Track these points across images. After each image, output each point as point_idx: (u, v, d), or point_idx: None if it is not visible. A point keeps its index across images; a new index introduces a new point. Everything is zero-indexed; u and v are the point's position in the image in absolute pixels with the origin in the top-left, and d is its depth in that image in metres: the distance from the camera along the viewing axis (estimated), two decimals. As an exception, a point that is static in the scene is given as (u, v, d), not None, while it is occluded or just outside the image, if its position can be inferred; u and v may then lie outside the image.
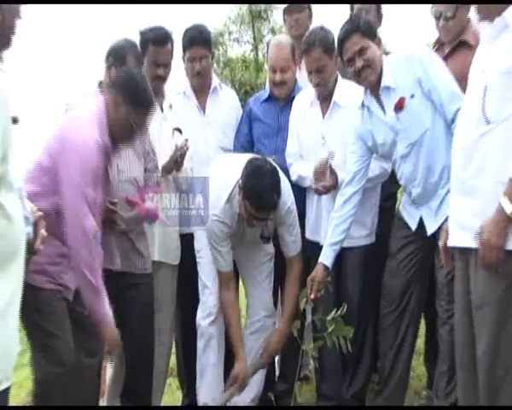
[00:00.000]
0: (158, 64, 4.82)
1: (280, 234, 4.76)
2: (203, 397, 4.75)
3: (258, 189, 4.35)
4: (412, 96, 4.27)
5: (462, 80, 4.07)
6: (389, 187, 4.97)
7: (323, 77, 4.72)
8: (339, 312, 4.32)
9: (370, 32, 4.33)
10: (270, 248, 4.89)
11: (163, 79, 4.90)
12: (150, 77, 4.76)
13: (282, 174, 4.54)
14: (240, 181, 4.46)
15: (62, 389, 3.93)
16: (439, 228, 4.19)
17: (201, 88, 5.19)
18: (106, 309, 3.98)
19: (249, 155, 4.70)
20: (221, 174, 4.68)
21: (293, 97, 5.07)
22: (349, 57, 4.36)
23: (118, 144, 4.16)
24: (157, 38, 4.78)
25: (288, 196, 4.64)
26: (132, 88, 4.13)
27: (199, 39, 5.06)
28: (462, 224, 3.63)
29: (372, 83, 4.37)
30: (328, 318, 4.34)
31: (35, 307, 3.86)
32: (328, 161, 4.67)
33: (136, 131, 4.17)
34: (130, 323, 4.53)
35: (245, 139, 5.18)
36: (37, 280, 3.79)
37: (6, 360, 2.76)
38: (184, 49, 5.09)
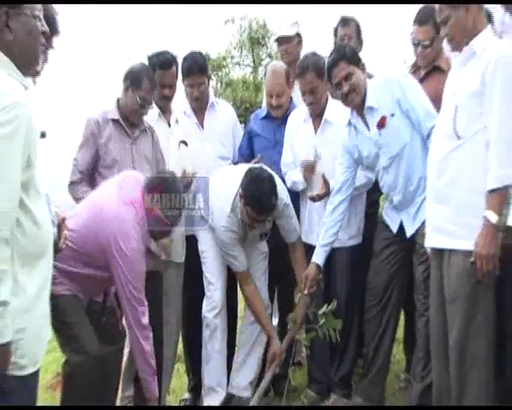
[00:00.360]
0: (164, 85, 4.86)
1: (281, 225, 4.82)
2: (209, 381, 4.80)
3: (258, 195, 4.43)
4: (392, 115, 4.32)
5: (436, 101, 4.15)
6: (373, 195, 5.03)
7: (316, 97, 4.79)
8: (329, 307, 4.41)
9: (355, 59, 4.40)
10: (264, 247, 4.95)
11: (169, 98, 4.95)
12: (158, 97, 4.86)
13: (276, 176, 4.62)
14: (240, 190, 4.53)
15: (88, 376, 3.96)
16: (417, 231, 4.28)
17: (200, 108, 5.22)
18: (156, 389, 4.16)
19: (245, 166, 4.77)
20: (222, 186, 4.73)
21: (288, 115, 5.12)
22: (337, 82, 4.42)
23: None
24: (162, 63, 4.82)
25: (282, 192, 4.69)
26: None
27: (195, 68, 5.06)
28: (436, 227, 3.73)
29: (357, 104, 4.42)
30: (320, 312, 4.43)
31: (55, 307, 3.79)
32: (316, 160, 4.78)
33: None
34: None
35: (245, 153, 5.23)
36: (57, 290, 3.81)
37: (35, 347, 2.77)
38: (183, 77, 5.12)
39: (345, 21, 5.55)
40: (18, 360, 2.61)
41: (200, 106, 5.21)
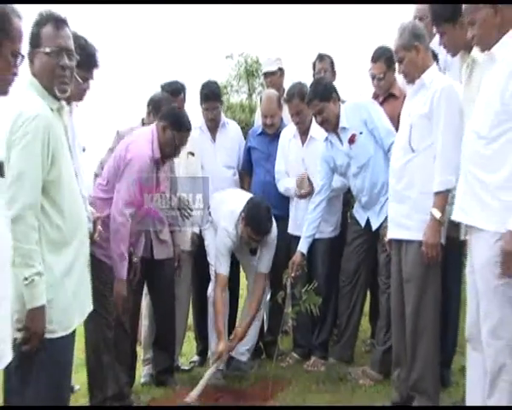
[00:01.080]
0: None
1: (262, 253, 4.81)
2: (213, 346, 4.80)
3: (258, 219, 4.54)
4: (360, 133, 4.44)
5: (392, 120, 4.30)
6: (345, 196, 5.08)
7: (301, 117, 4.89)
8: (311, 286, 4.48)
9: (327, 96, 4.47)
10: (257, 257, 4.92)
11: None
12: None
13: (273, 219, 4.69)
14: (242, 213, 4.61)
15: (107, 341, 4.06)
16: (381, 225, 4.38)
17: (214, 126, 5.26)
18: (122, 271, 4.01)
19: (248, 194, 4.89)
20: (226, 207, 4.77)
21: (280, 132, 5.17)
22: (313, 114, 4.58)
23: (166, 158, 4.25)
24: (173, 90, 4.83)
25: (275, 232, 4.77)
26: (175, 117, 4.23)
27: (211, 96, 5.15)
28: (396, 222, 3.83)
29: (330, 129, 4.54)
30: (303, 290, 4.50)
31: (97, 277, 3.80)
32: (306, 174, 4.84)
33: (179, 147, 4.26)
34: (157, 292, 4.66)
35: (246, 164, 5.33)
36: (99, 253, 3.85)
37: (62, 317, 2.74)
38: (201, 101, 5.18)
39: (321, 57, 5.63)
40: (47, 326, 2.58)
41: (214, 125, 5.26)
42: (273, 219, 4.70)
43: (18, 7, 2.31)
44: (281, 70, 5.77)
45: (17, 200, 2.51)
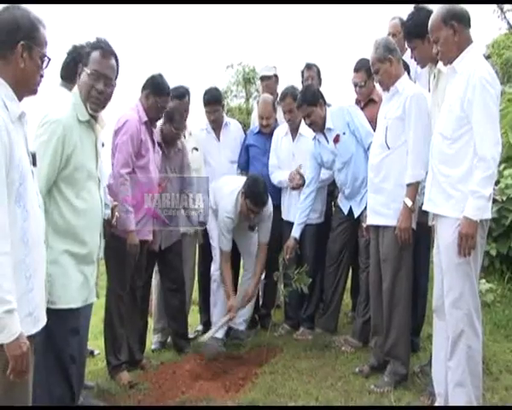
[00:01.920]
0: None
1: (260, 227, 4.92)
2: (216, 318, 4.91)
3: (256, 192, 4.63)
4: (344, 134, 4.54)
5: (372, 122, 4.37)
6: (330, 188, 5.12)
7: (293, 116, 4.93)
8: (302, 268, 4.60)
9: (314, 101, 4.54)
10: (255, 233, 5.05)
11: (184, 119, 4.87)
12: None
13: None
14: (241, 190, 4.69)
15: (120, 314, 4.14)
16: (361, 213, 4.46)
17: (217, 126, 5.30)
18: (130, 223, 3.97)
19: (243, 177, 4.93)
20: (227, 188, 4.84)
21: (274, 130, 5.25)
22: (302, 116, 4.66)
23: (153, 121, 4.29)
24: (179, 94, 4.80)
25: (271, 207, 4.88)
26: (155, 84, 4.26)
27: (212, 100, 5.20)
28: (374, 210, 3.94)
29: (317, 130, 4.62)
30: (296, 272, 4.61)
31: (115, 256, 3.95)
32: (299, 170, 4.91)
33: (162, 110, 4.31)
34: (168, 266, 4.72)
35: (244, 160, 5.36)
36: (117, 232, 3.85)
37: (61, 291, 2.85)
38: (204, 105, 5.22)
39: (309, 66, 5.68)
40: (48, 296, 2.59)
41: (216, 125, 5.30)
42: (269, 195, 4.77)
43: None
44: (276, 76, 5.82)
45: None
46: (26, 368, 2.09)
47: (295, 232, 4.77)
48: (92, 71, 3.04)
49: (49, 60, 2.34)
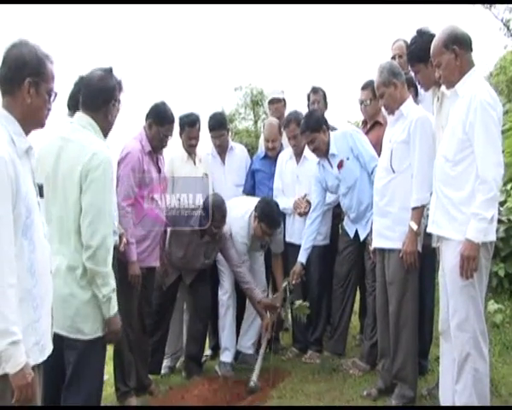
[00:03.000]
0: (191, 138, 4.93)
1: (274, 241, 4.99)
2: (224, 343, 4.90)
3: (271, 215, 4.70)
4: (348, 159, 4.53)
5: (377, 145, 4.37)
6: (337, 211, 5.08)
7: (297, 141, 4.95)
8: (304, 303, 4.71)
9: (317, 127, 4.54)
10: (260, 252, 5.11)
11: (194, 146, 5.00)
12: (186, 145, 4.97)
13: None
14: (254, 213, 4.74)
15: (129, 341, 4.16)
16: (367, 236, 4.42)
17: (222, 151, 5.36)
18: (131, 253, 4.04)
19: (254, 199, 4.97)
20: (237, 211, 4.86)
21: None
22: (306, 142, 4.67)
23: (156, 150, 4.32)
24: (190, 122, 4.88)
25: (281, 225, 4.96)
26: (158, 113, 4.31)
27: (216, 125, 5.24)
28: (380, 233, 3.93)
29: (321, 156, 4.62)
30: (295, 307, 4.74)
31: (123, 281, 3.90)
32: (305, 198, 4.94)
33: (166, 139, 4.34)
34: (196, 294, 4.83)
35: (250, 185, 5.37)
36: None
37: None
38: (209, 130, 5.27)
39: (315, 90, 5.64)
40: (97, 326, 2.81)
41: (222, 150, 5.35)
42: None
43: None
44: (284, 100, 5.82)
45: (99, 232, 2.70)
46: (32, 397, 2.10)
47: (302, 257, 4.76)
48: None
49: (56, 94, 2.37)
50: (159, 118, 4.29)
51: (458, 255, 3.07)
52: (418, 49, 3.66)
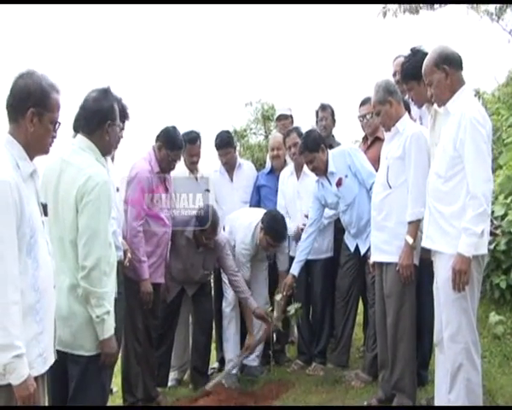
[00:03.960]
0: (192, 155, 5.02)
1: (279, 258, 5.10)
2: (228, 355, 4.97)
3: (277, 229, 4.78)
4: (346, 176, 4.58)
5: (377, 161, 4.32)
6: (340, 225, 4.99)
7: (296, 148, 4.94)
8: (296, 306, 4.79)
9: (315, 148, 4.59)
10: (265, 263, 5.17)
11: (196, 162, 5.08)
12: (188, 162, 5.05)
13: None
14: (260, 224, 4.82)
15: (136, 354, 4.28)
16: (367, 251, 4.43)
17: (229, 168, 5.44)
18: (143, 272, 4.18)
19: (260, 210, 5.06)
20: (244, 219, 4.98)
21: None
22: (304, 162, 4.74)
23: (164, 172, 4.43)
24: (190, 139, 4.93)
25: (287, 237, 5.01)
26: (168, 138, 4.42)
27: (222, 144, 5.35)
28: (377, 247, 3.99)
29: (320, 174, 4.67)
30: (290, 313, 4.82)
31: (130, 296, 4.02)
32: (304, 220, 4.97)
33: (174, 162, 4.47)
34: (199, 307, 4.94)
35: (255, 200, 5.43)
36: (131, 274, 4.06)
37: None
38: (216, 149, 5.38)
39: (323, 107, 5.64)
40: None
41: (229, 167, 5.44)
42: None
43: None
44: (291, 117, 5.91)
45: (93, 253, 2.72)
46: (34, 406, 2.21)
47: (294, 270, 4.82)
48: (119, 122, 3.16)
49: (60, 124, 2.46)
50: (169, 143, 4.41)
51: (450, 269, 3.12)
52: (412, 68, 3.73)
